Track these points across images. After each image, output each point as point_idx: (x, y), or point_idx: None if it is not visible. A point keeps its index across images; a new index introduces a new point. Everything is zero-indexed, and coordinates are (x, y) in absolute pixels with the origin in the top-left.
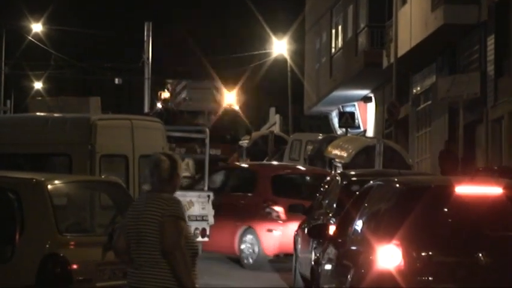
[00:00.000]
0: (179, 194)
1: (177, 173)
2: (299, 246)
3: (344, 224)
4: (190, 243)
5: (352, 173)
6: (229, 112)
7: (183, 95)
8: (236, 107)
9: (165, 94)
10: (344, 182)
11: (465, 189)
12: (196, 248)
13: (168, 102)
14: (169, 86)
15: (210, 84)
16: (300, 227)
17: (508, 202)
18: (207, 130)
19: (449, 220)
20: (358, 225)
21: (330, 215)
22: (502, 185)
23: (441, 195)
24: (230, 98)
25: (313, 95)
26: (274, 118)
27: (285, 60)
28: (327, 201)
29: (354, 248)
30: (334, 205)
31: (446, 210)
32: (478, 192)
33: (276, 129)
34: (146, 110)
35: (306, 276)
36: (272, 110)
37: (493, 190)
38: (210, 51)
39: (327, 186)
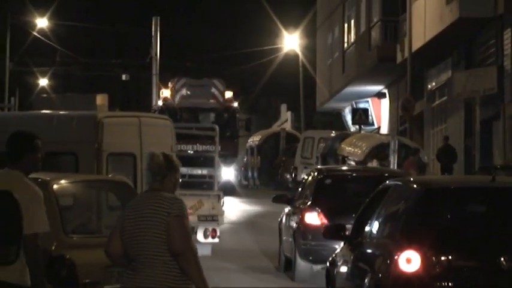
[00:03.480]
0: (188, 193)
1: (173, 173)
2: (283, 231)
3: (360, 225)
4: None
5: (327, 168)
6: (229, 109)
7: (183, 92)
8: (235, 104)
9: (166, 92)
10: (319, 176)
11: (487, 190)
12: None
13: (168, 100)
14: (169, 83)
15: (209, 81)
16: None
17: None
18: (217, 128)
19: (470, 223)
20: (375, 226)
21: (308, 203)
22: None
23: (461, 196)
24: (230, 95)
25: (326, 91)
26: (286, 115)
27: (297, 56)
28: (306, 193)
29: (370, 251)
30: (311, 195)
31: (466, 212)
32: (499, 193)
33: (288, 126)
34: (155, 106)
35: (288, 256)
36: (283, 106)
37: None
38: (219, 46)
39: (305, 181)
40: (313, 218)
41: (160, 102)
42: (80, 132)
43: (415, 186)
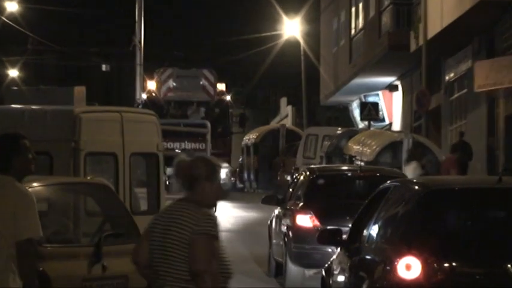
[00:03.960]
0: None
1: (210, 181)
2: (273, 235)
3: (358, 229)
4: (223, 265)
5: (319, 167)
6: (221, 103)
7: (170, 83)
8: (227, 97)
9: (151, 84)
10: (311, 176)
11: (493, 192)
12: (229, 271)
13: (154, 92)
14: (155, 74)
15: (198, 72)
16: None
17: None
18: (208, 124)
19: (475, 227)
20: (373, 231)
21: (300, 204)
22: None
23: (466, 198)
24: (222, 87)
25: (331, 83)
26: (286, 110)
27: (298, 43)
28: (298, 193)
29: (368, 257)
30: (303, 196)
31: (470, 215)
32: (506, 195)
33: (288, 122)
34: (141, 99)
35: (278, 261)
36: (283, 100)
37: None
38: (210, 33)
39: (296, 180)
40: (306, 220)
41: (144, 96)
42: (54, 130)
43: (415, 187)
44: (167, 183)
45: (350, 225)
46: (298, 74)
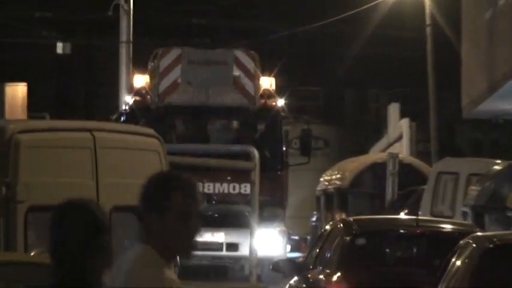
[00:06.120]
0: None
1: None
2: None
3: None
4: None
5: (357, 219)
6: (267, 110)
7: (175, 75)
8: (281, 101)
9: (139, 79)
10: (348, 233)
11: None
12: None
13: (146, 93)
14: (150, 62)
15: (227, 55)
16: None
17: None
18: (256, 153)
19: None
20: None
21: (334, 276)
22: None
23: None
24: (268, 82)
25: (481, 79)
26: (399, 126)
27: (421, 6)
28: (327, 256)
29: None
30: (337, 263)
31: None
32: None
33: (403, 149)
34: (124, 105)
35: None
36: (394, 107)
37: None
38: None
39: (324, 237)
40: None
41: (128, 99)
42: None
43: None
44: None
45: None
46: (420, 62)
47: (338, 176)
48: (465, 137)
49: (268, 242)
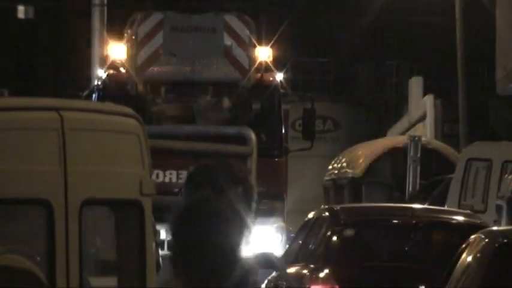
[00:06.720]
0: None
1: None
2: None
3: None
4: None
5: (344, 207)
6: (263, 85)
7: (156, 45)
8: (279, 75)
9: (116, 49)
10: (335, 223)
11: None
12: None
13: (121, 63)
14: (127, 28)
15: (216, 19)
16: None
17: None
18: (252, 136)
19: None
20: None
21: (319, 272)
22: None
23: None
24: (264, 53)
25: None
26: (422, 103)
27: None
28: (310, 250)
29: None
30: (322, 258)
31: None
32: None
33: (427, 132)
34: (97, 79)
35: None
36: (416, 82)
37: None
38: None
39: (307, 227)
40: None
41: (101, 72)
42: None
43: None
44: (160, 261)
45: None
46: (444, 28)
47: (350, 163)
48: (499, 117)
49: (263, 239)
